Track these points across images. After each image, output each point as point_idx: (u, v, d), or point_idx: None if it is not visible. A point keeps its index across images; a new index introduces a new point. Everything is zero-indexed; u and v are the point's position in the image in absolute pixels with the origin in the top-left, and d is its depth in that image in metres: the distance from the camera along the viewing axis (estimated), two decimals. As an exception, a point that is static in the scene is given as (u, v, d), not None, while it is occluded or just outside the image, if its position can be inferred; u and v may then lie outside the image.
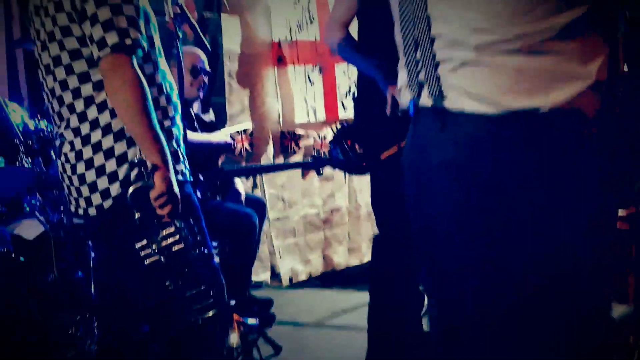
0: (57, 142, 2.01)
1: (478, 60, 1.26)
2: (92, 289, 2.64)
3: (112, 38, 1.78)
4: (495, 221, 1.29)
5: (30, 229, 2.96)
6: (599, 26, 1.26)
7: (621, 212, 2.92)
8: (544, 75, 1.23)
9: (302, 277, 4.69)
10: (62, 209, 2.83)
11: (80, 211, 1.97)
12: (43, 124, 2.76)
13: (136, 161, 1.82)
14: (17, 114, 2.77)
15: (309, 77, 4.78)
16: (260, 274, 4.48)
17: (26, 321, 2.58)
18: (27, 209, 2.84)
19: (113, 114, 1.87)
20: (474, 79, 1.27)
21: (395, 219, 2.15)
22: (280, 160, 4.67)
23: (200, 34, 3.09)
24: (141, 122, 1.79)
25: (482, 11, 1.25)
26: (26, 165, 2.72)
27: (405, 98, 1.44)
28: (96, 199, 1.91)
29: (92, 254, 2.69)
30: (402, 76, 1.43)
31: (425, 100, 1.36)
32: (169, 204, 1.81)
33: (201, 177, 2.00)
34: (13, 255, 2.67)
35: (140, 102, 1.79)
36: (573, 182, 1.26)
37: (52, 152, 2.75)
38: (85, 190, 1.92)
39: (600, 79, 1.25)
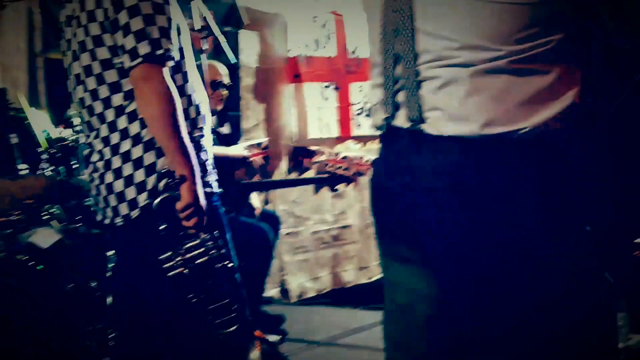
0: (86, 152, 2.02)
1: (464, 78, 1.23)
2: (109, 299, 2.62)
3: (144, 48, 1.79)
4: (485, 243, 1.26)
5: (45, 237, 2.96)
6: (576, 52, 1.27)
7: (638, 240, 2.90)
8: (527, 97, 1.22)
9: (311, 293, 4.67)
10: (79, 218, 2.82)
11: (107, 221, 1.97)
12: (66, 133, 2.76)
13: (164, 172, 1.82)
14: (42, 122, 2.78)
15: (323, 94, 4.79)
16: (270, 290, 4.47)
17: (42, 330, 2.56)
18: (45, 217, 2.83)
19: (143, 124, 1.87)
20: (458, 99, 1.24)
21: None
22: (293, 176, 4.67)
23: (227, 46, 3.11)
24: (170, 133, 1.80)
25: (474, 27, 1.22)
26: (48, 173, 2.72)
27: (378, 117, 1.39)
28: (123, 208, 1.91)
29: (111, 264, 2.68)
30: (377, 94, 1.39)
31: (402, 121, 1.31)
32: (194, 216, 1.80)
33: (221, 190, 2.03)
34: (30, 263, 2.66)
35: (169, 112, 1.79)
36: (555, 201, 1.25)
37: (74, 161, 2.75)
38: (112, 200, 1.92)
39: (576, 101, 1.25)
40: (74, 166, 2.75)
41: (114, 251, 2.65)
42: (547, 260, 1.25)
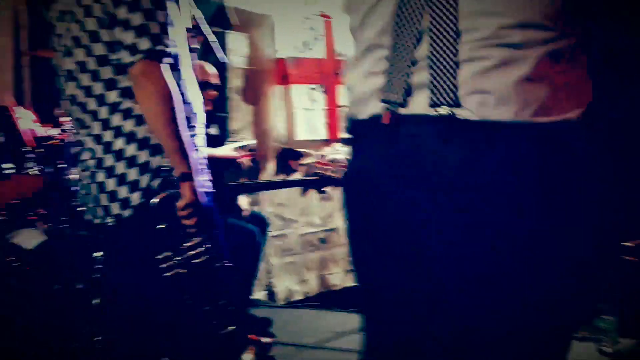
0: (76, 150, 1.97)
1: (522, 60, 1.13)
2: (97, 301, 2.58)
3: (144, 44, 1.76)
4: (498, 240, 1.18)
5: (29, 238, 2.91)
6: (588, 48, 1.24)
7: (628, 244, 2.92)
8: (571, 86, 1.18)
9: (299, 296, 4.65)
10: (65, 218, 2.77)
11: (97, 220, 1.92)
12: (53, 131, 2.71)
13: (163, 169, 1.79)
14: (27, 120, 2.73)
15: (311, 96, 4.77)
16: (257, 292, 4.44)
17: (27, 332, 2.52)
18: (31, 217, 2.78)
19: (138, 122, 1.84)
20: (514, 81, 1.13)
21: None
22: (280, 177, 4.64)
23: (217, 46, 3.07)
24: (172, 130, 1.77)
25: (528, 2, 1.13)
26: (34, 172, 2.67)
27: (373, 107, 1.22)
28: (115, 208, 1.87)
29: (99, 265, 2.63)
30: (372, 82, 1.23)
31: (419, 108, 1.17)
32: (195, 215, 1.77)
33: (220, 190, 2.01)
34: (16, 265, 2.62)
35: (170, 109, 1.76)
36: (559, 196, 1.19)
37: (60, 160, 2.70)
38: (104, 199, 1.88)
39: (590, 96, 1.22)
40: (60, 165, 2.70)
41: (102, 252, 2.61)
42: (549, 258, 1.21)
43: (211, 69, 3.63)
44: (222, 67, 4.11)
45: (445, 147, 1.16)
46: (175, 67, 1.89)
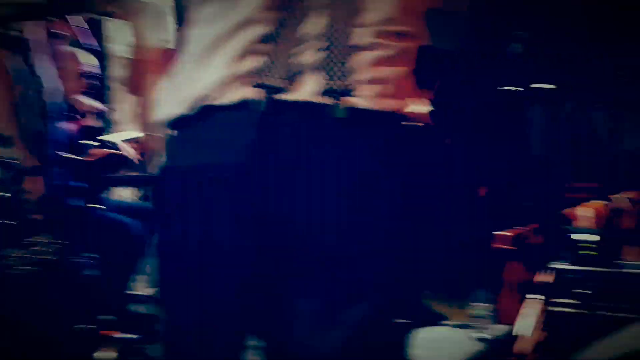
0: None
1: (410, 52, 1.12)
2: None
3: None
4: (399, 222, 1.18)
5: None
6: None
7: (507, 233, 3.04)
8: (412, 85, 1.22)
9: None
10: None
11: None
12: None
13: (11, 163, 1.71)
14: None
15: (200, 87, 4.71)
16: (143, 289, 4.33)
17: None
18: None
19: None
20: (405, 74, 1.12)
21: None
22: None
23: (89, 34, 2.97)
24: (16, 121, 1.69)
25: None
26: None
27: (239, 93, 1.12)
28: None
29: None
30: (241, 63, 1.12)
31: (307, 93, 1.08)
32: (45, 210, 1.71)
33: (84, 184, 1.92)
34: None
35: (17, 100, 1.69)
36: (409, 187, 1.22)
37: None
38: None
39: None
40: None
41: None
42: (426, 247, 1.23)
43: (86, 58, 3.49)
44: (101, 56, 3.97)
45: (336, 138, 1.08)
46: (26, 56, 1.81)
